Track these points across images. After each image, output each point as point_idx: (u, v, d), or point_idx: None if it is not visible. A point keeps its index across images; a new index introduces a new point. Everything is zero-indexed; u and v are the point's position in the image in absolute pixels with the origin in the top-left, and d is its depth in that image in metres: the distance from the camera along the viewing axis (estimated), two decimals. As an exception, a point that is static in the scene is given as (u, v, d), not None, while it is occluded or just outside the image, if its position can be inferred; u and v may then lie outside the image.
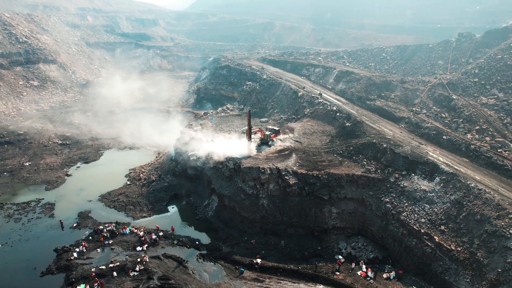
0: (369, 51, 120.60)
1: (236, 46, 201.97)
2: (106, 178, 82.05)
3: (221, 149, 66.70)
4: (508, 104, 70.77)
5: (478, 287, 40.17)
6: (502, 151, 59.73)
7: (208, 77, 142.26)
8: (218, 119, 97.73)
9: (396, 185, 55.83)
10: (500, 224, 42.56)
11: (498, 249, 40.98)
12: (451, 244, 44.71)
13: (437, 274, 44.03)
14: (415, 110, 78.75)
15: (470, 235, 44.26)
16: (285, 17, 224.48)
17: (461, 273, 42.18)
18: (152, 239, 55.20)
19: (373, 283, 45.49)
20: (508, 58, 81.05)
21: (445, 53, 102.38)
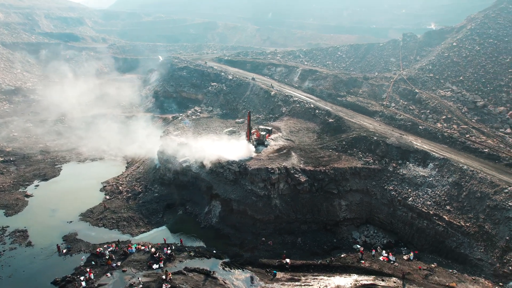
0: (324, 50, 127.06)
1: (179, 47, 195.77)
2: (78, 195, 74.05)
3: (218, 152, 64.72)
4: (463, 96, 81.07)
5: (491, 255, 45.83)
6: (469, 136, 68.52)
7: (159, 79, 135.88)
8: (191, 122, 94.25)
9: (396, 173, 60.51)
10: (499, 198, 49.08)
11: (502, 220, 47.28)
12: (460, 220, 50.22)
13: (452, 249, 49.11)
14: (385, 104, 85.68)
15: (474, 211, 50.21)
16: (225, 17, 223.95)
17: (475, 245, 47.71)
18: (167, 254, 51.51)
19: (398, 266, 48.81)
20: (453, 55, 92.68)
21: (395, 51, 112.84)
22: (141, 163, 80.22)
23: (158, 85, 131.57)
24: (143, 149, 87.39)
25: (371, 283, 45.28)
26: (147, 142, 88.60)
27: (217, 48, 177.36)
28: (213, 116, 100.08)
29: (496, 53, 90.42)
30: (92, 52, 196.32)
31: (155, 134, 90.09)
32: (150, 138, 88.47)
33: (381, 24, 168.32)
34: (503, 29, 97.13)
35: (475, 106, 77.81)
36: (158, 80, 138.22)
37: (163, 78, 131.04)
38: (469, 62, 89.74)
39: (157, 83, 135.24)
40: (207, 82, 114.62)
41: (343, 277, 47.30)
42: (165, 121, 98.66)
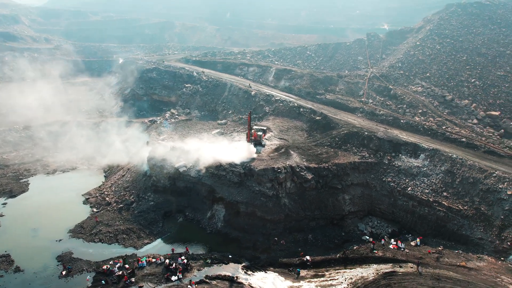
0: (293, 50, 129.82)
1: (135, 48, 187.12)
2: (58, 210, 68.07)
3: (219, 155, 63.34)
4: (432, 91, 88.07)
5: (490, 233, 50.67)
6: (446, 128, 74.74)
7: (123, 82, 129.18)
8: (171, 125, 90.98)
9: (392, 165, 64.08)
10: (489, 182, 54.36)
11: (495, 202, 52.49)
12: (458, 205, 54.76)
13: (454, 232, 53.42)
14: (364, 101, 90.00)
15: (469, 196, 55.06)
16: (181, 17, 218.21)
17: (474, 226, 52.36)
18: (184, 264, 49.37)
19: (409, 252, 51.89)
20: (419, 54, 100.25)
21: (362, 50, 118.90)
22: (126, 171, 75.50)
23: (124, 88, 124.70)
24: (124, 156, 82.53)
25: (391, 271, 47.53)
26: (128, 148, 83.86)
27: (177, 49, 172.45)
28: (192, 119, 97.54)
29: (454, 52, 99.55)
30: (36, 53, 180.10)
31: (135, 139, 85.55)
32: (131, 144, 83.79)
33: (338, 24, 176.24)
34: (456, 30, 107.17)
35: (444, 100, 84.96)
36: (121, 82, 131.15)
37: (129, 81, 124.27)
38: (433, 60, 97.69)
39: (122, 86, 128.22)
40: (180, 83, 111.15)
41: (364, 268, 49.07)
42: (143, 126, 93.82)
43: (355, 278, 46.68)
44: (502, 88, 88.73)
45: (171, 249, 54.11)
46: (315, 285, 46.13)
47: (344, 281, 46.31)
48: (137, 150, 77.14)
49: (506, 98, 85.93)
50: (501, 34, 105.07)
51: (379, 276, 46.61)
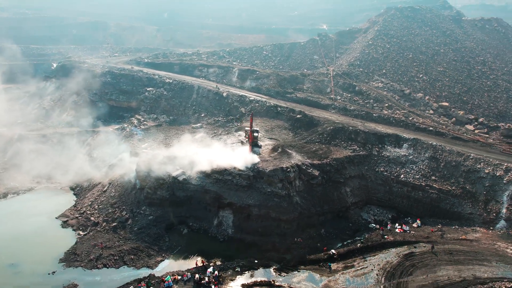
0: (249, 50, 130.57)
1: (65, 50, 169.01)
2: (35, 239, 59.50)
3: (223, 160, 61.37)
4: (392, 86, 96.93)
5: (477, 208, 58.31)
6: (412, 119, 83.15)
7: (64, 88, 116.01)
8: (143, 132, 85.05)
9: (381, 156, 69.23)
10: (469, 164, 62.38)
11: (476, 180, 60.50)
12: (447, 186, 61.70)
13: (447, 210, 60.18)
14: (333, 98, 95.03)
15: (454, 177, 62.44)
16: (113, 16, 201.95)
17: (463, 203, 59.67)
18: (216, 276, 47.11)
19: (415, 233, 57.00)
20: (373, 52, 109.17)
21: (316, 49, 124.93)
22: (107, 186, 68.33)
23: (68, 95, 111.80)
24: (96, 170, 74.87)
25: (409, 252, 51.71)
26: (101, 161, 76.27)
27: (117, 50, 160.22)
28: (162, 124, 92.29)
29: (401, 50, 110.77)
30: None
31: (107, 150, 78.09)
32: (104, 155, 76.38)
33: (279, 25, 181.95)
34: (399, 30, 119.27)
35: (403, 94, 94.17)
36: (62, 88, 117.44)
37: (73, 86, 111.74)
38: (386, 58, 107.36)
39: (64, 93, 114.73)
40: (140, 87, 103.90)
41: (384, 253, 52.46)
42: (110, 135, 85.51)
43: (382, 264, 49.66)
44: (444, 82, 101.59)
45: (195, 263, 50.94)
46: (350, 276, 47.96)
47: (374, 268, 48.99)
48: (117, 161, 70.42)
49: (449, 91, 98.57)
50: (433, 35, 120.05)
51: (402, 259, 50.33)
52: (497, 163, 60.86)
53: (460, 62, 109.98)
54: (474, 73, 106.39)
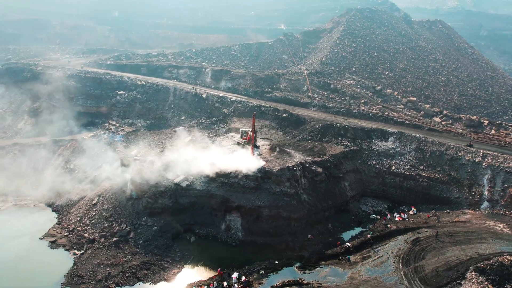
0: (217, 50, 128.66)
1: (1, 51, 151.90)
2: (23, 263, 53.49)
3: (230, 164, 59.99)
4: (363, 83, 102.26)
5: (463, 192, 64.22)
6: (388, 113, 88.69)
7: (13, 93, 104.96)
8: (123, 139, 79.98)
9: (371, 150, 72.89)
10: (451, 152, 68.32)
11: (459, 167, 66.53)
12: (435, 174, 66.96)
13: (437, 196, 65.38)
14: (311, 96, 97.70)
15: (440, 165, 67.96)
16: (53, 14, 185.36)
17: (451, 189, 65.26)
18: (246, 282, 46.20)
19: (414, 219, 61.15)
20: (341, 51, 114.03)
21: (284, 49, 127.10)
22: (96, 199, 62.97)
23: (21, 101, 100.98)
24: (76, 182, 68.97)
25: (416, 238, 55.28)
26: (83, 172, 70.36)
27: (68, 52, 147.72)
28: (140, 129, 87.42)
29: (367, 49, 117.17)
30: None
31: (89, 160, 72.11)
32: (84, 166, 70.52)
33: (237, 25, 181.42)
34: (361, 30, 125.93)
35: (375, 91, 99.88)
36: (12, 94, 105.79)
37: (25, 92, 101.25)
38: (354, 56, 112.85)
39: (15, 99, 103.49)
40: (109, 91, 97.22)
41: (393, 241, 55.52)
42: (86, 143, 78.61)
43: (395, 251, 52.54)
44: (407, 78, 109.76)
45: (217, 271, 49.26)
46: (370, 266, 50.03)
47: (389, 256, 51.67)
48: (105, 171, 65.28)
49: (413, 86, 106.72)
50: (391, 35, 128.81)
51: (411, 245, 53.68)
52: (474, 151, 67.44)
53: (417, 60, 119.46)
54: (430, 70, 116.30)
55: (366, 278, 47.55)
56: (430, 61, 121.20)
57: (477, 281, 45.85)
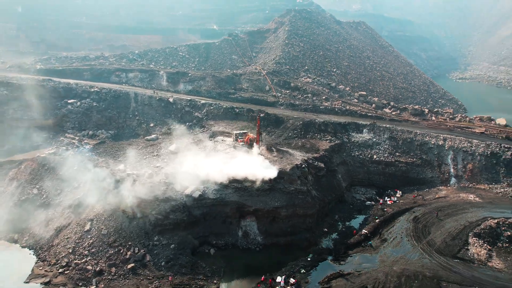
0: (162, 51, 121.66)
1: None
2: None
3: (244, 170, 58.07)
4: (319, 81, 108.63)
5: (435, 171, 73.98)
6: (350, 108, 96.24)
7: None
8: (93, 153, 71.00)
9: (352, 142, 78.47)
10: (419, 138, 77.83)
11: (427, 150, 76.33)
12: (410, 158, 75.53)
13: (415, 178, 73.99)
14: (275, 95, 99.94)
15: (412, 151, 76.84)
16: None
17: (425, 170, 74.44)
18: (296, 283, 46.13)
19: (403, 201, 68.34)
20: (292, 51, 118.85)
21: (232, 49, 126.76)
22: (87, 225, 54.58)
23: None
24: (54, 209, 59.24)
25: (414, 216, 61.91)
26: (56, 195, 60.62)
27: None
28: (105, 141, 78.33)
29: (313, 48, 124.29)
30: None
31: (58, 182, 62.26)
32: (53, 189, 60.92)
33: (166, 24, 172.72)
34: (304, 30, 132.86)
35: (330, 87, 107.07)
36: None
37: None
38: (304, 55, 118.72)
39: None
40: (56, 100, 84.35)
41: (397, 222, 61.29)
42: (47, 161, 66.88)
43: (404, 231, 58.23)
44: (352, 74, 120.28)
45: (261, 279, 47.82)
46: (391, 247, 54.60)
47: (402, 236, 57.01)
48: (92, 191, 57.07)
49: (358, 82, 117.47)
50: (329, 34, 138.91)
51: (413, 223, 60.06)
52: (436, 135, 78.03)
53: (355, 57, 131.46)
54: (367, 66, 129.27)
55: (395, 259, 51.68)
56: (364, 58, 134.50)
57: (479, 245, 53.84)
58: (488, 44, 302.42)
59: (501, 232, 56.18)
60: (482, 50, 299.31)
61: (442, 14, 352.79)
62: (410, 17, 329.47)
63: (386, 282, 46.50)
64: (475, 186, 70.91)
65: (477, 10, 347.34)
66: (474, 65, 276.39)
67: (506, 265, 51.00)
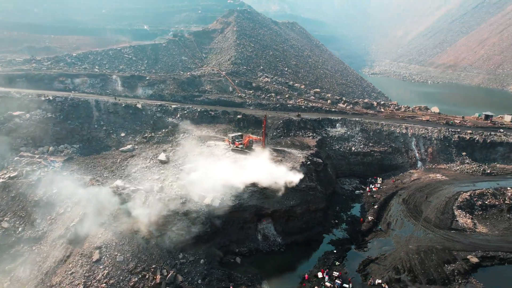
0: (104, 54, 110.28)
1: None
2: None
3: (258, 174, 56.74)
4: (277, 80, 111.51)
5: (404, 157, 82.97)
6: (313, 105, 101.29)
7: None
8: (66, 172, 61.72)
9: (331, 137, 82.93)
10: (386, 129, 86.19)
11: (394, 139, 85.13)
12: (382, 148, 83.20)
13: (389, 165, 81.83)
14: (241, 96, 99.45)
15: (383, 140, 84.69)
16: None
17: (396, 157, 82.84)
18: (340, 276, 47.56)
19: (386, 186, 75.26)
20: (245, 51, 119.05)
21: (181, 50, 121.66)
22: (96, 253, 47.45)
23: None
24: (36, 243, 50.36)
25: (402, 199, 68.78)
26: (32, 226, 51.57)
27: None
28: (73, 157, 68.25)
29: (263, 48, 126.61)
30: None
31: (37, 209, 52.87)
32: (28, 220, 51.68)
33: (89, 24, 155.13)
34: (250, 30, 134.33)
35: (289, 86, 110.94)
36: None
37: None
38: (256, 55, 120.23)
39: None
40: (-2, 113, 70.23)
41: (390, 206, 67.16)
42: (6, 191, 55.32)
43: (400, 213, 64.37)
44: (302, 72, 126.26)
45: (305, 277, 47.94)
46: (398, 229, 59.83)
47: (402, 217, 62.95)
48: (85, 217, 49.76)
49: (308, 80, 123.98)
50: (272, 35, 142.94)
51: (404, 204, 66.79)
52: (398, 125, 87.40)
53: (299, 56, 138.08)
54: (311, 65, 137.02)
55: (406, 238, 56.93)
56: (306, 57, 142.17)
57: (463, 215, 62.64)
58: (386, 43, 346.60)
59: (474, 202, 66.09)
60: (382, 49, 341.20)
61: (347, 16, 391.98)
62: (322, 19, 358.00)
63: (410, 260, 51.10)
64: (437, 166, 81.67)
65: (375, 13, 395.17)
66: (378, 61, 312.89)
67: (488, 229, 60.44)
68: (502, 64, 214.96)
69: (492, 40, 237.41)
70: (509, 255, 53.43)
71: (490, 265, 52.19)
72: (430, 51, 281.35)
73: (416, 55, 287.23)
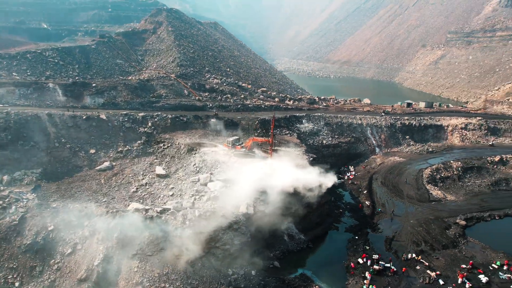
0: (21, 58, 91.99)
1: None
2: None
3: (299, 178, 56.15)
4: (226, 81, 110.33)
5: (365, 145, 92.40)
6: (266, 103, 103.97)
7: None
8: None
9: (303, 132, 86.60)
10: (345, 121, 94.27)
11: (354, 129, 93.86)
12: (345, 139, 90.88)
13: (355, 153, 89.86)
14: (199, 99, 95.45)
15: (345, 132, 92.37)
16: None
17: (359, 146, 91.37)
18: (379, 258, 51.39)
19: (360, 173, 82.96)
20: (187, 52, 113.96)
21: (113, 53, 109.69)
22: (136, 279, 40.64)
23: None
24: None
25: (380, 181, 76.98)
26: (46, 275, 42.15)
27: None
28: (40, 184, 56.21)
29: (202, 49, 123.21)
30: None
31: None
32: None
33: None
34: (184, 30, 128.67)
35: (239, 86, 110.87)
36: None
37: None
38: (198, 56, 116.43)
39: None
40: None
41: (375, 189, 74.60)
42: None
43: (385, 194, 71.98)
44: (242, 72, 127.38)
45: (352, 265, 50.07)
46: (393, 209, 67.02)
47: (388, 198, 70.62)
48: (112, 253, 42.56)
49: (250, 79, 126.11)
50: (203, 35, 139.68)
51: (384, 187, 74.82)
52: (353, 116, 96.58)
53: (233, 56, 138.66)
54: (245, 65, 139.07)
55: (404, 215, 64.30)
56: (238, 57, 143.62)
57: (434, 188, 73.62)
58: (282, 42, 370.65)
59: (435, 177, 78.24)
60: (279, 48, 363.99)
61: (243, 16, 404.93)
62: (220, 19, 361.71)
63: (418, 232, 58.34)
64: (391, 150, 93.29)
65: (269, 14, 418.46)
66: (277, 59, 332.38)
67: (454, 197, 72.46)
68: (386, 60, 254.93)
69: (374, 40, 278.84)
70: (481, 214, 65.42)
71: (472, 225, 63.03)
72: (324, 48, 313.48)
73: (313, 53, 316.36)
